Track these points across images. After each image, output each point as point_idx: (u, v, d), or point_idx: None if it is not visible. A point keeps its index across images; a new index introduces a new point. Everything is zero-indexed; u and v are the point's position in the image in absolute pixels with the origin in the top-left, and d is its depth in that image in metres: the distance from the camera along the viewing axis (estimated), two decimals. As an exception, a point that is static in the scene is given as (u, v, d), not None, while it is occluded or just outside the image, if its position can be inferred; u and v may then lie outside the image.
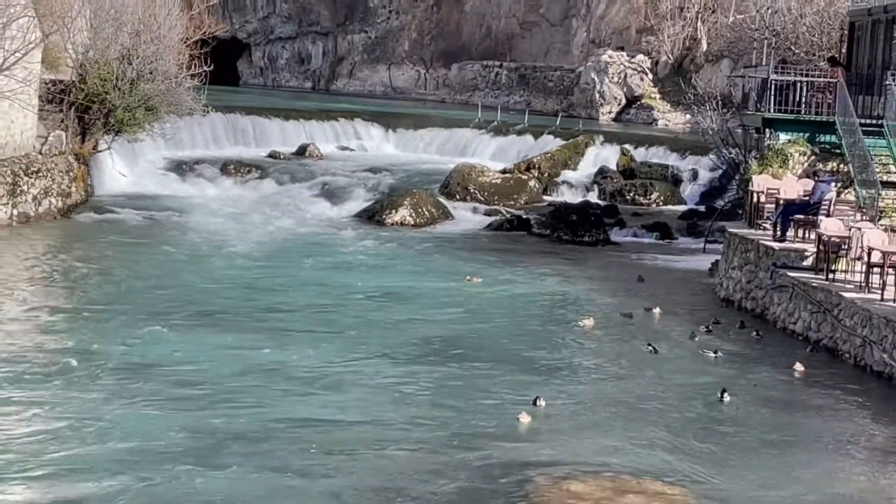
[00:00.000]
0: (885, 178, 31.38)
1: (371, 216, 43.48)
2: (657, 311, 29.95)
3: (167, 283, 30.44)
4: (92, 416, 19.46)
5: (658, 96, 75.77)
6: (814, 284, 27.32)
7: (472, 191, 48.01)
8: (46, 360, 22.67)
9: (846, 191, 32.53)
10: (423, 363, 23.94)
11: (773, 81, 35.24)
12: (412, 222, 42.87)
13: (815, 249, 28.68)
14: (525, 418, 20.24)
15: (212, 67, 47.60)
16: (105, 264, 33.04)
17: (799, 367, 24.89)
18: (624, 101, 76.81)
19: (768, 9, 41.86)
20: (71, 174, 41.34)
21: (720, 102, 43.22)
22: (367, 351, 24.56)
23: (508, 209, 45.76)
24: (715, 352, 25.85)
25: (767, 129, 35.25)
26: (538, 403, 20.95)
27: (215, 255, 35.06)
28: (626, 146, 54.67)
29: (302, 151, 57.54)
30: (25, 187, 38.45)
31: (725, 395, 22.54)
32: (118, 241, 36.65)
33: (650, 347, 26.03)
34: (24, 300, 27.96)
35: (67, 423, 19.10)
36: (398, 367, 23.59)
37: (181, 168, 49.92)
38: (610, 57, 77.88)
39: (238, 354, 23.74)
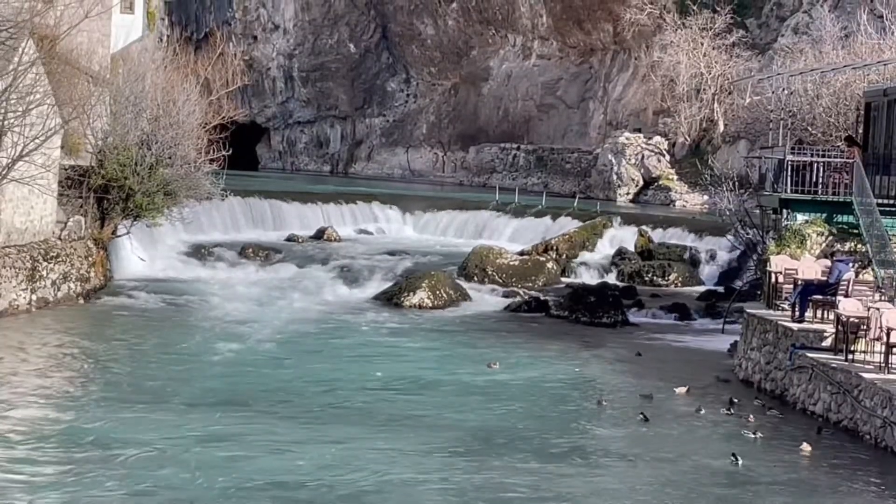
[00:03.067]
0: (903, 257, 31.32)
1: (389, 298, 43.47)
2: (682, 390, 30.02)
3: (185, 372, 30.24)
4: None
5: (675, 177, 75.88)
6: (833, 365, 27.15)
7: (490, 273, 48.02)
8: (60, 448, 22.54)
9: (864, 271, 32.44)
10: (450, 459, 23.08)
11: (790, 162, 35.29)
12: (430, 304, 42.83)
13: (833, 330, 28.54)
14: None
15: (230, 152, 47.90)
16: (123, 350, 33.01)
17: (805, 447, 24.82)
18: (641, 183, 76.93)
19: (784, 90, 41.94)
20: (90, 259, 41.48)
21: (737, 183, 43.25)
22: (392, 448, 23.58)
23: (526, 291, 45.71)
24: (754, 432, 25.87)
25: (785, 210, 35.26)
26: None
27: (234, 341, 34.89)
28: (644, 227, 54.74)
29: (320, 235, 57.72)
30: (45, 272, 38.56)
31: (739, 458, 23.35)
32: (137, 327, 36.65)
33: (641, 416, 26.83)
34: (42, 386, 27.90)
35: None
36: (425, 464, 22.65)
37: (200, 252, 50.06)
38: (627, 139, 78.13)
39: (256, 453, 22.85)
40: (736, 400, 28.80)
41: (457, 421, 26.31)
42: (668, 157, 77.41)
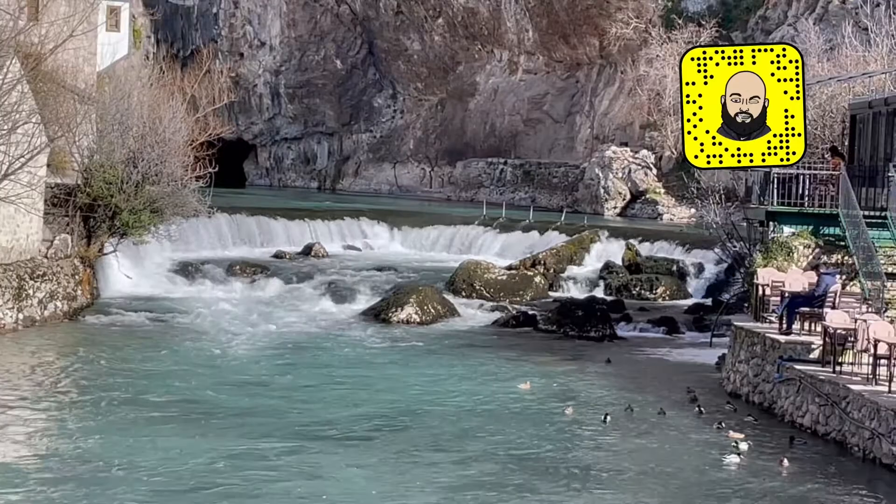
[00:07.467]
0: (889, 269, 31.35)
1: (377, 314, 43.40)
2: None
3: (172, 391, 30.02)
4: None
5: (662, 191, 75.93)
6: (821, 377, 27.17)
7: (477, 287, 48.00)
8: (46, 468, 22.43)
9: (851, 283, 32.48)
10: (453, 482, 22.57)
11: (776, 175, 35.30)
12: (418, 320, 42.79)
13: (821, 342, 28.57)
14: None
15: (217, 169, 47.84)
16: (110, 368, 32.88)
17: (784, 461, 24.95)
18: (628, 196, 76.99)
19: (769, 102, 41.90)
20: (76, 277, 41.41)
21: (724, 196, 43.29)
22: (395, 480, 22.81)
23: (514, 305, 45.71)
24: (736, 444, 25.97)
25: (771, 223, 35.27)
26: None
27: (221, 360, 34.71)
28: (632, 241, 54.73)
29: (308, 251, 57.66)
30: (31, 291, 38.49)
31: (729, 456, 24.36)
32: (124, 345, 36.54)
33: (604, 417, 27.82)
34: (28, 405, 27.80)
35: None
36: (427, 490, 22.11)
37: (187, 269, 49.92)
38: (614, 152, 78.18)
39: (248, 479, 22.35)
40: (704, 410, 29.08)
41: (454, 441, 26.02)
42: (654, 171, 77.44)
